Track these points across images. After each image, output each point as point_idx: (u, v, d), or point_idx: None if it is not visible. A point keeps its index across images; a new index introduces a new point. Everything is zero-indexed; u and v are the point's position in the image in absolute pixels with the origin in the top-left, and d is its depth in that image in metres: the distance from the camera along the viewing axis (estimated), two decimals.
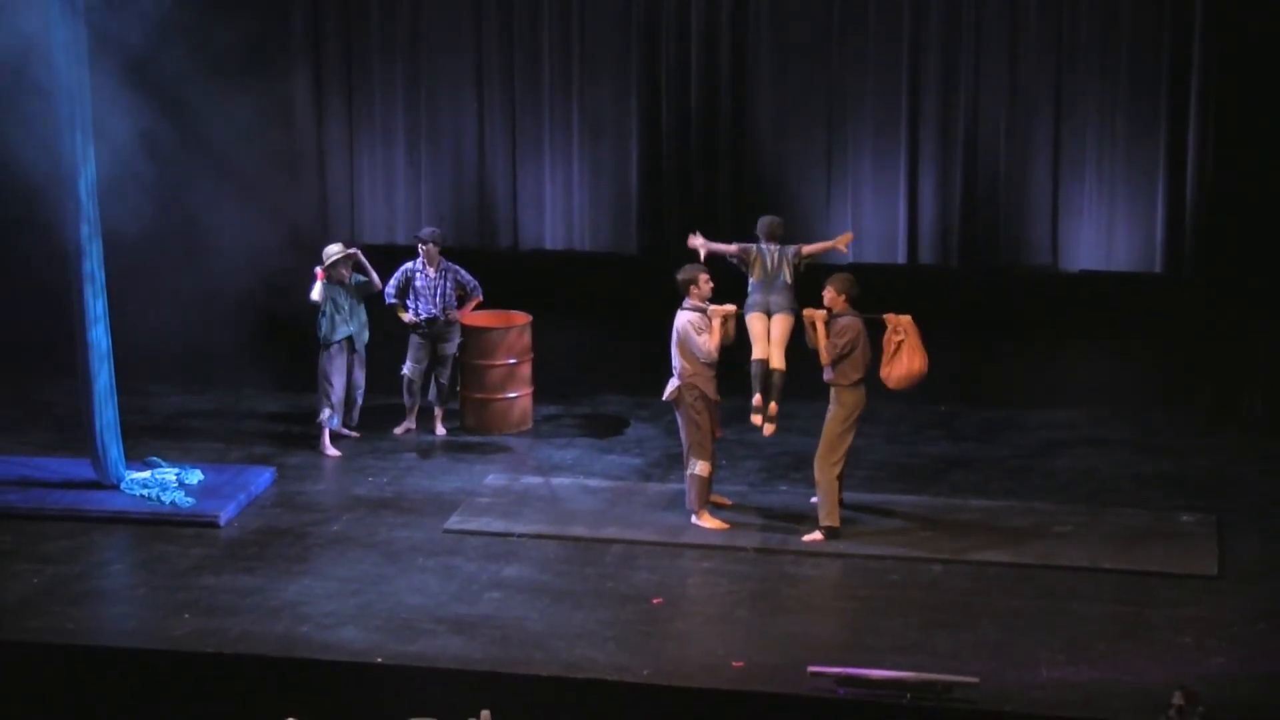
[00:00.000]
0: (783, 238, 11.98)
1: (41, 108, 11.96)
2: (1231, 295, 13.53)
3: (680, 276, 11.61)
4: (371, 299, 13.45)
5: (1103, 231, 13.75)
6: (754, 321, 11.70)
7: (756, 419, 11.61)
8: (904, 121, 13.87)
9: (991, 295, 14.03)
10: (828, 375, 11.31)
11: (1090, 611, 10.36)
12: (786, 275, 11.76)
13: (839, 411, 11.32)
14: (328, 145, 14.68)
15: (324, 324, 13.09)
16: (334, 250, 13.13)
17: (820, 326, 11.29)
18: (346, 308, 13.16)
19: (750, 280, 11.86)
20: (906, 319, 11.35)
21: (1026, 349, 14.01)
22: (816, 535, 11.37)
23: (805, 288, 11.66)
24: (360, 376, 13.33)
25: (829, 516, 11.34)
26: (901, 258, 14.06)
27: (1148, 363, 13.76)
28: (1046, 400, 13.99)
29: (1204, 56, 13.28)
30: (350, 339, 13.20)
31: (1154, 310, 13.77)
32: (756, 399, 11.58)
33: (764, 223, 12.02)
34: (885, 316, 11.36)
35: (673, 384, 11.56)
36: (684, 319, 11.49)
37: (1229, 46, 13.23)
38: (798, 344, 11.56)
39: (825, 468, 11.33)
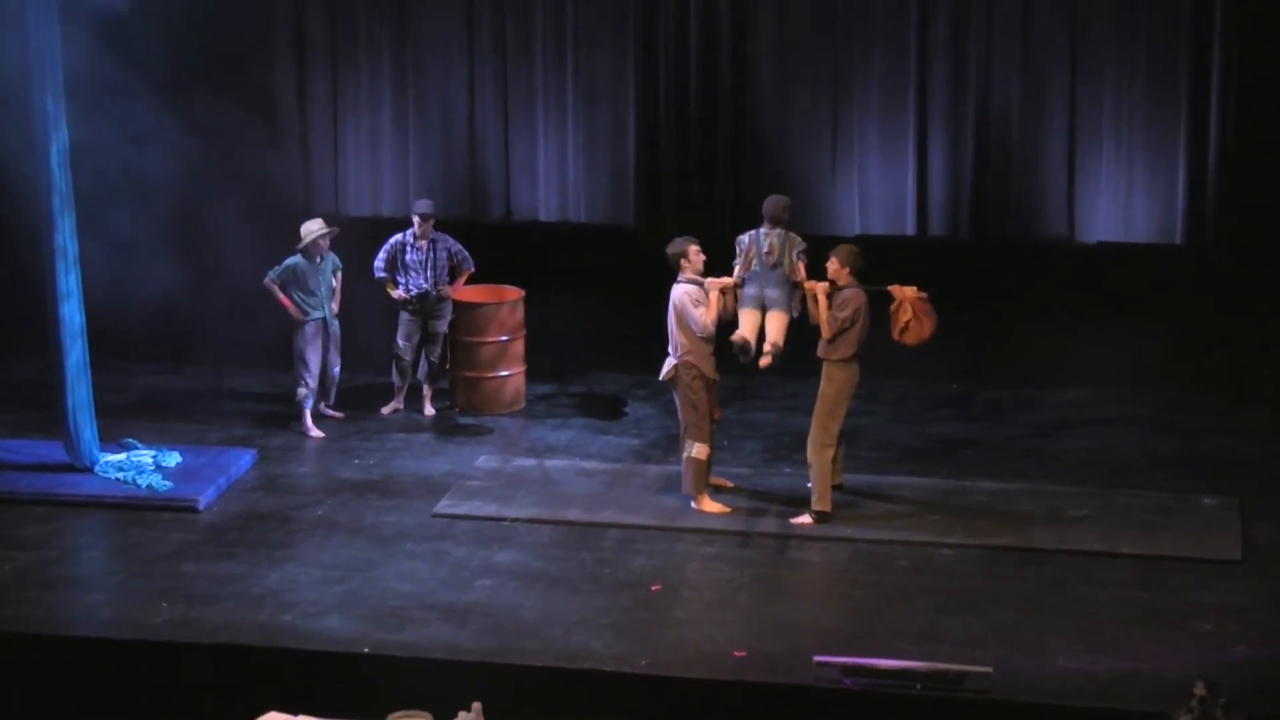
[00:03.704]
0: (789, 222, 11.62)
1: (11, 75, 11.90)
2: (1255, 268, 13.50)
3: (670, 250, 11.55)
4: (360, 272, 13.41)
5: (1121, 201, 13.72)
6: (745, 316, 11.43)
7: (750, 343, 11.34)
8: (913, 87, 13.83)
9: (1004, 268, 14.00)
10: (821, 349, 11.28)
11: (1107, 598, 10.36)
12: (786, 266, 11.47)
13: (829, 389, 11.31)
14: (310, 113, 14.63)
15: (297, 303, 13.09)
16: (314, 228, 13.09)
17: (822, 299, 11.26)
18: (322, 290, 13.14)
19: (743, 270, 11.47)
20: (911, 291, 11.32)
21: (1040, 324, 13.97)
22: (806, 519, 11.36)
23: (809, 259, 11.58)
24: (335, 358, 13.31)
25: (820, 501, 11.33)
26: (910, 229, 14.04)
27: (1167, 338, 13.73)
28: (1061, 378, 13.97)
29: (1226, 18, 13.23)
30: (324, 320, 13.18)
31: (1174, 284, 13.74)
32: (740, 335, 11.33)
33: (769, 203, 11.59)
34: (890, 288, 11.34)
35: (669, 363, 11.53)
36: (680, 292, 11.45)
37: (1253, 7, 13.17)
38: (799, 322, 11.50)
39: (818, 449, 11.31)
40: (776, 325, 11.41)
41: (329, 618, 10.14)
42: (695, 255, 11.49)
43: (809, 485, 11.48)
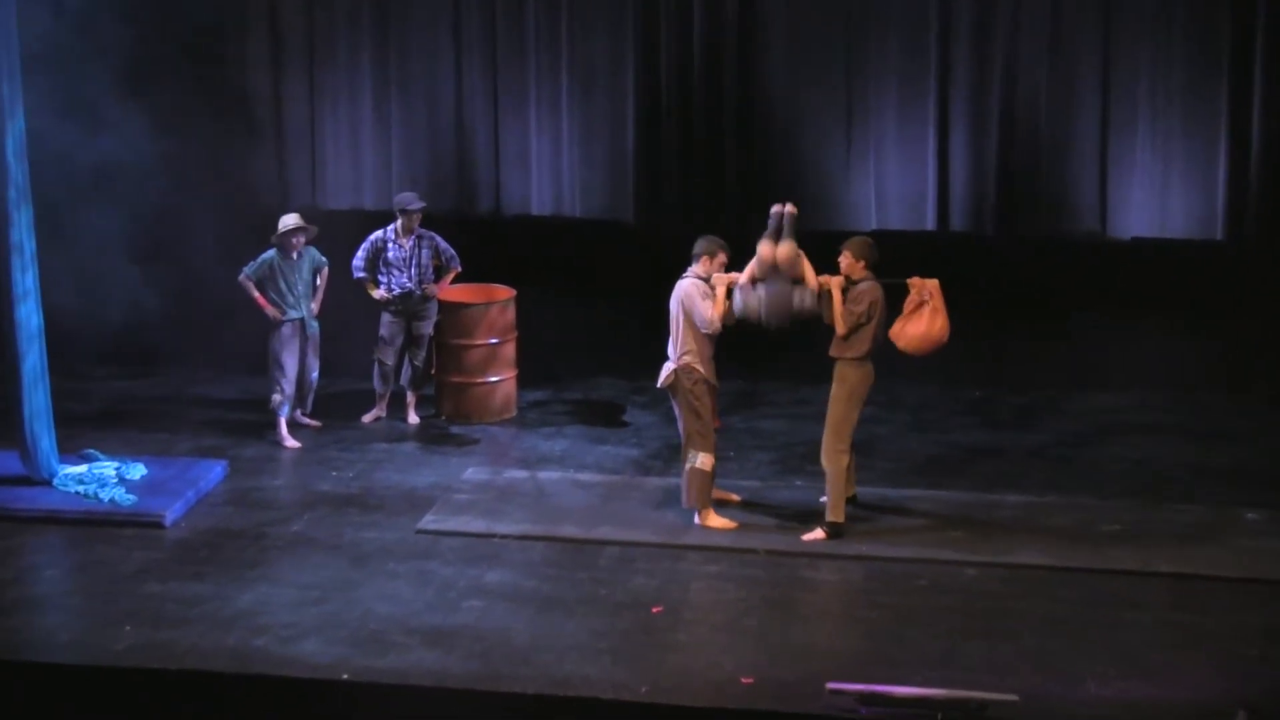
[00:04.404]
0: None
1: None
2: None
3: (699, 246, 11.48)
4: (340, 270, 13.41)
5: (1157, 194, 13.72)
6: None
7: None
8: (933, 71, 13.83)
9: (1031, 266, 14.01)
10: (834, 348, 11.27)
11: (1143, 620, 10.34)
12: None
13: (840, 390, 11.30)
14: (286, 100, 14.63)
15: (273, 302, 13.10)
16: (289, 222, 13.09)
17: (836, 294, 11.26)
18: (299, 288, 13.13)
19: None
20: (933, 283, 11.32)
21: (1071, 326, 13.99)
22: (818, 533, 11.35)
23: (819, 256, 11.56)
24: (313, 362, 13.30)
25: (834, 511, 11.32)
26: (930, 224, 14.04)
27: (1207, 341, 13.74)
28: (1093, 383, 13.99)
29: None
30: (302, 321, 13.17)
31: (1214, 282, 13.75)
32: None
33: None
34: (910, 280, 11.33)
35: (667, 368, 11.52)
36: (687, 284, 11.44)
37: None
38: (810, 322, 11.48)
39: (834, 456, 11.30)
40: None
41: (305, 642, 10.12)
42: (718, 262, 11.45)
43: (822, 500, 11.46)
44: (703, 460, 11.52)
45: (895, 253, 11.78)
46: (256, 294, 13.08)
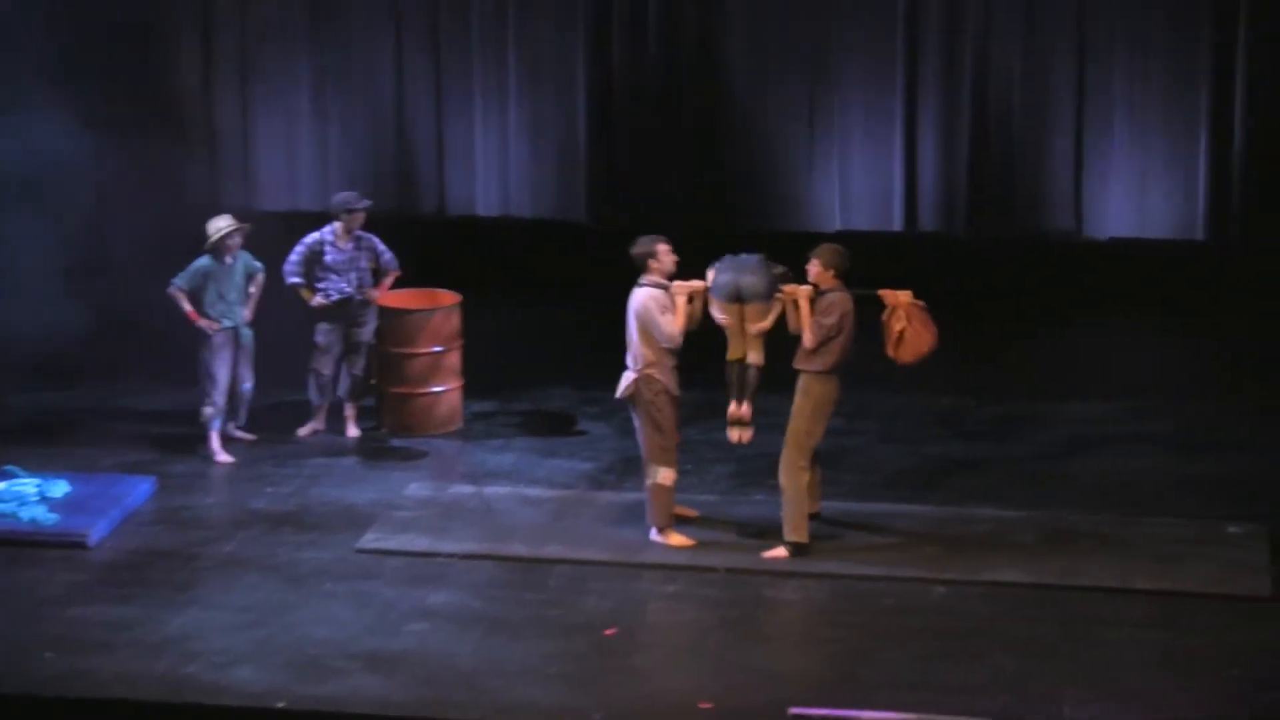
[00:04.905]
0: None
1: None
2: None
3: (635, 250, 11.52)
4: (275, 277, 13.36)
5: (1135, 193, 13.79)
6: (723, 320, 11.34)
7: (732, 433, 11.52)
8: (900, 63, 13.88)
9: (1004, 268, 14.05)
10: (799, 360, 11.28)
11: (1122, 639, 10.38)
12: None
13: (804, 404, 11.31)
14: (216, 93, 14.58)
15: (206, 310, 13.04)
16: (222, 224, 13.02)
17: (804, 304, 11.26)
18: (232, 295, 13.06)
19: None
20: (905, 296, 11.33)
21: (1046, 331, 14.03)
22: (780, 551, 11.35)
23: (782, 259, 11.55)
24: (246, 372, 13.24)
25: (795, 530, 11.33)
26: (898, 224, 14.08)
27: (1189, 346, 13.78)
28: (1070, 390, 14.02)
29: None
30: (235, 330, 13.11)
31: (1196, 285, 13.80)
32: (732, 407, 11.48)
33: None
34: (881, 293, 11.34)
35: (627, 378, 11.50)
36: (644, 295, 11.43)
37: None
38: (777, 330, 11.48)
39: (792, 472, 11.30)
40: (756, 331, 11.34)
41: (239, 668, 10.08)
42: (665, 255, 11.47)
43: (782, 514, 11.47)
44: (664, 475, 11.51)
45: (861, 255, 11.78)
46: (188, 306, 12.99)
